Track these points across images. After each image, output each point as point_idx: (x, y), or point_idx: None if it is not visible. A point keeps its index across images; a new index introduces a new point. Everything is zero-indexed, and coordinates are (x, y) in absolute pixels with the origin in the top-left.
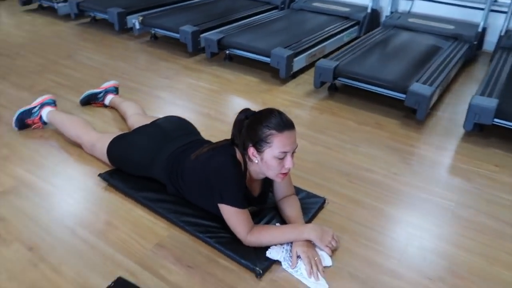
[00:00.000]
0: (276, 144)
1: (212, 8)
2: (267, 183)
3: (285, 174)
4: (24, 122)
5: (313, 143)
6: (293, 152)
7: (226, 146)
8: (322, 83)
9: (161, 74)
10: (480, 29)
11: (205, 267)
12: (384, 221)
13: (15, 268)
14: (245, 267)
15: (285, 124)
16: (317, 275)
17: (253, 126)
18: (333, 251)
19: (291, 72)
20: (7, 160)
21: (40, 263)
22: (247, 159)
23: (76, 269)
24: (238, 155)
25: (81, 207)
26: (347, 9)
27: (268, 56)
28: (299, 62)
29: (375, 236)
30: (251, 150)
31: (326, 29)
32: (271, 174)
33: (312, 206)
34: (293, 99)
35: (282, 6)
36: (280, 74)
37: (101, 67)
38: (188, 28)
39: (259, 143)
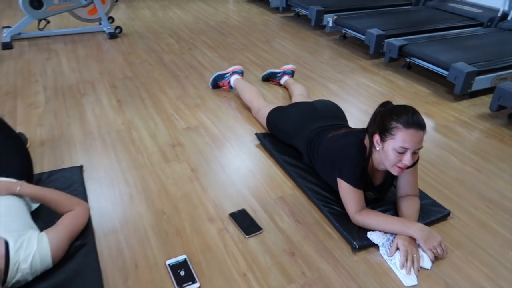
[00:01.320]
0: (399, 138)
1: (406, 17)
2: (391, 177)
3: (401, 168)
4: (217, 83)
5: (463, 162)
6: (414, 152)
7: (359, 132)
8: (500, 107)
9: (337, 69)
10: None
11: (311, 227)
12: (510, 255)
13: (179, 178)
14: (345, 238)
15: (413, 123)
16: (410, 269)
17: (384, 116)
18: (436, 258)
19: (469, 91)
20: (197, 107)
21: (195, 181)
22: (372, 146)
23: (216, 193)
24: (366, 141)
25: (234, 153)
26: None
27: (447, 69)
28: (482, 81)
29: (492, 263)
30: (376, 137)
31: None
32: (387, 165)
33: (433, 214)
34: (461, 117)
35: (489, 24)
36: (455, 90)
37: (289, 54)
38: (374, 31)
39: (384, 133)
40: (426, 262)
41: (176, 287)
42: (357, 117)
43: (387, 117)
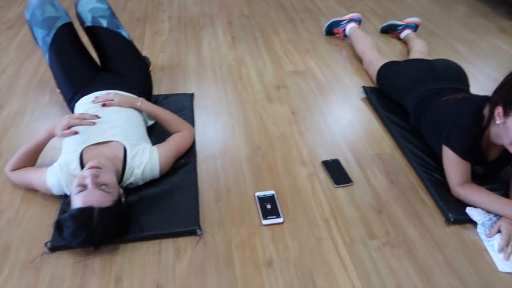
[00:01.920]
0: None
1: None
2: (508, 154)
3: None
4: (331, 30)
5: None
6: None
7: (479, 99)
8: None
9: (470, 27)
10: None
11: (405, 190)
12: None
13: (278, 119)
14: (439, 208)
15: None
16: (509, 256)
17: None
18: None
19: None
20: (307, 52)
21: (293, 124)
22: (491, 118)
23: (312, 139)
24: (486, 111)
25: (337, 103)
26: None
27: None
28: None
29: None
30: (499, 110)
31: None
32: (506, 142)
33: None
34: None
35: None
36: None
37: (416, 5)
38: None
39: (509, 106)
40: None
41: (261, 217)
42: (483, 84)
43: None
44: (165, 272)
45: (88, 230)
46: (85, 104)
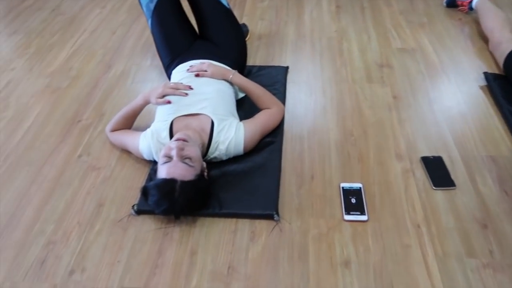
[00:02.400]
0: None
1: None
2: None
3: None
4: (454, 1)
5: None
6: None
7: None
8: None
9: None
10: None
11: None
12: None
13: (377, 103)
14: None
15: None
16: None
17: None
18: None
19: None
20: (421, 27)
21: (393, 110)
22: None
23: (414, 129)
24: None
25: (450, 90)
26: None
27: None
28: None
29: None
30: None
31: None
32: None
33: None
34: None
35: None
36: None
37: None
38: None
39: None
40: None
41: (344, 211)
42: None
43: None
44: (238, 253)
45: (170, 201)
46: (180, 72)
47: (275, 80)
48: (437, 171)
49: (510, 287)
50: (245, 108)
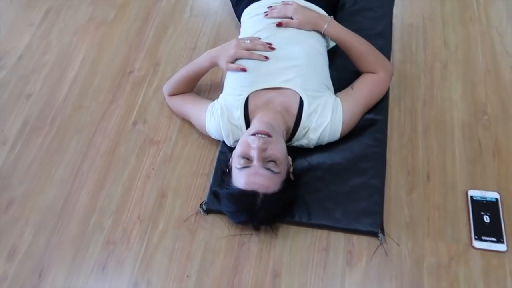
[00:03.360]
0: None
1: None
2: None
3: None
4: None
5: None
6: None
7: None
8: None
9: None
10: None
11: None
12: None
13: None
14: None
15: None
16: None
17: None
18: None
19: None
20: None
21: None
22: None
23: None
24: None
25: None
26: None
27: None
28: None
29: None
30: None
31: None
32: None
33: None
34: None
35: None
36: None
37: None
38: None
39: None
40: None
41: (473, 234)
42: None
43: None
44: (331, 281)
45: (249, 214)
46: (255, 17)
47: (376, 16)
48: None
49: None
50: (337, 62)
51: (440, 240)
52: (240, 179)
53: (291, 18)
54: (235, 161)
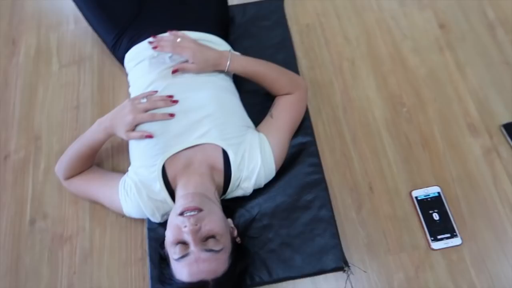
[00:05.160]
0: None
1: None
2: None
3: None
4: None
5: None
6: None
7: None
8: None
9: None
10: None
11: None
12: None
13: (421, 40)
14: None
15: None
16: None
17: None
18: None
19: None
20: None
21: (445, 49)
22: None
23: (481, 77)
24: None
25: None
26: None
27: None
28: None
29: None
30: None
31: None
32: None
33: None
34: None
35: None
36: None
37: None
38: None
39: None
40: None
41: (429, 236)
42: None
43: None
44: None
45: None
46: (142, 64)
47: (270, 25)
48: None
49: None
50: (246, 88)
51: (402, 252)
52: (182, 271)
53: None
54: (170, 251)
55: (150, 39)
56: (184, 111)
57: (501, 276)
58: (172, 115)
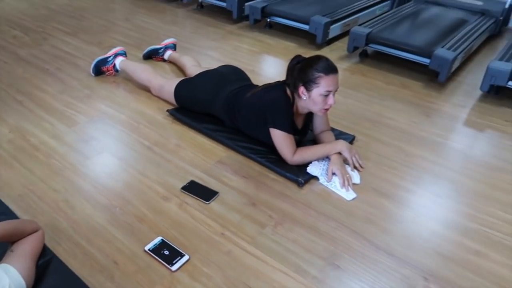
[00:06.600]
0: (323, 84)
1: None
2: (308, 120)
3: (327, 109)
4: (100, 69)
5: (345, 97)
6: (335, 92)
7: (278, 85)
8: (355, 48)
9: (209, 37)
10: (507, 6)
11: (258, 178)
12: (403, 155)
13: (110, 171)
14: (289, 179)
15: (331, 68)
16: (348, 186)
17: (304, 69)
18: (360, 172)
19: (327, 39)
20: (89, 98)
21: (129, 168)
22: (296, 96)
23: (157, 174)
24: (288, 92)
25: (154, 133)
26: None
27: (307, 23)
28: (334, 30)
29: (394, 165)
30: (301, 89)
31: (360, 1)
32: (315, 109)
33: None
34: None
35: None
36: (317, 40)
37: (156, 29)
38: None
39: (308, 83)
40: (355, 178)
41: (168, 266)
42: (249, 76)
43: (307, 69)
44: None
45: None
46: None
47: None
48: (199, 191)
49: (295, 226)
50: None
51: (156, 285)
52: None
53: None
54: None
55: None
56: None
57: (220, 261)
58: None
